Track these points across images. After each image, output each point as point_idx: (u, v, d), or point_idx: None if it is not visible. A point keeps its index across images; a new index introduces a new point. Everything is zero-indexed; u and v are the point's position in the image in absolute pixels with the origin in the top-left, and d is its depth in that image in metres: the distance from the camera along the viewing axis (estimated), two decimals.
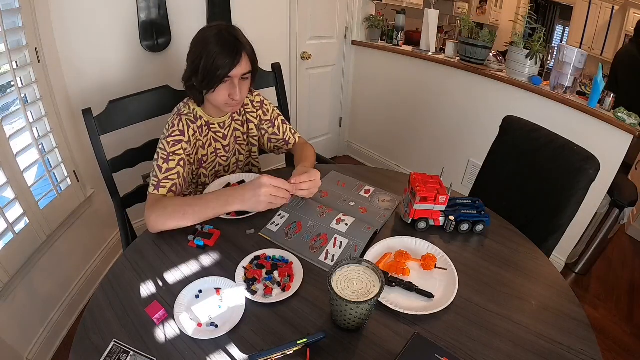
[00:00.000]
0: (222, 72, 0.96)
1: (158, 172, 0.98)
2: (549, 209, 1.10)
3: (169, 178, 0.99)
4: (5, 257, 1.14)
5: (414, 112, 2.51)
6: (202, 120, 1.11)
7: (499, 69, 2.04)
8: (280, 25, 2.23)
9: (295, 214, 0.98)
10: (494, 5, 4.23)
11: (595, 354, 0.66)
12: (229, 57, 0.96)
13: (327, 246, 0.89)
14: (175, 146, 1.01)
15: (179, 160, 1.01)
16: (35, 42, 1.28)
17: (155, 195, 0.97)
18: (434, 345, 0.61)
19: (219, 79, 0.97)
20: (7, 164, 1.15)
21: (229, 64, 0.96)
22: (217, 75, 0.96)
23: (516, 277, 0.84)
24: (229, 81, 0.99)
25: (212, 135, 1.14)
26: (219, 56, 0.95)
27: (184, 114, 1.07)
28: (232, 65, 0.97)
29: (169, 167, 0.99)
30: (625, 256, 2.29)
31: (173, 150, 1.01)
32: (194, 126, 1.08)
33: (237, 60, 0.97)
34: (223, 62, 0.95)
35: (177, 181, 1.00)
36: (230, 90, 1.00)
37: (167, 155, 1.00)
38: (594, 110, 1.65)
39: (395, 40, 2.52)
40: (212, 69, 0.96)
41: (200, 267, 0.83)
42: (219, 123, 1.14)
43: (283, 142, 1.27)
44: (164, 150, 1.00)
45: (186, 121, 1.05)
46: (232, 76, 0.98)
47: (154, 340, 0.66)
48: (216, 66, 0.95)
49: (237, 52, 0.97)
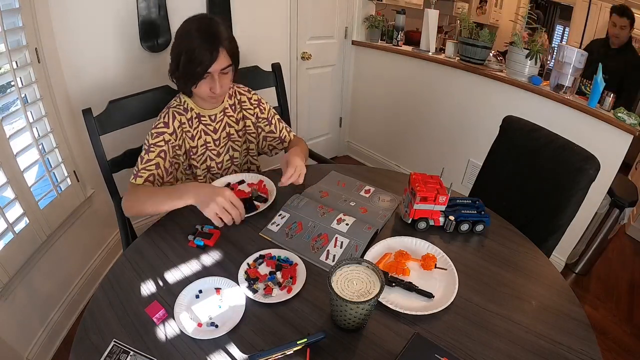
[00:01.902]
0: (200, 68, 0.98)
1: (139, 162, 1.04)
2: (549, 209, 1.10)
3: (147, 169, 1.04)
4: (5, 257, 1.14)
5: (414, 112, 2.51)
6: (193, 112, 1.13)
7: (499, 69, 2.04)
8: (280, 25, 2.23)
9: (295, 214, 0.98)
10: (494, 5, 4.23)
11: (595, 354, 0.66)
12: (207, 53, 0.97)
13: (328, 246, 0.89)
14: (157, 138, 1.06)
15: (159, 152, 1.05)
16: (35, 42, 1.28)
17: (132, 183, 1.03)
18: (434, 345, 0.61)
19: (198, 75, 1.00)
20: (7, 164, 1.14)
21: (207, 60, 0.98)
22: (197, 71, 0.99)
23: (516, 277, 0.84)
24: (209, 76, 1.02)
25: (202, 127, 1.16)
26: (197, 53, 0.97)
27: (173, 106, 1.10)
28: (211, 62, 0.99)
29: (148, 157, 1.04)
30: (625, 256, 2.29)
31: (155, 142, 1.05)
32: (183, 117, 1.11)
33: (215, 56, 0.99)
34: (201, 59, 0.97)
35: (154, 172, 1.05)
36: (211, 84, 1.03)
37: (148, 146, 1.05)
38: (594, 110, 1.65)
39: (395, 40, 2.52)
40: (191, 65, 0.98)
41: (200, 267, 0.83)
42: (210, 116, 1.16)
43: (279, 140, 1.28)
44: (147, 142, 1.06)
45: (173, 113, 1.09)
46: (212, 72, 1.00)
47: (154, 340, 0.66)
48: (195, 63, 0.98)
49: (214, 48, 0.98)
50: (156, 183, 1.06)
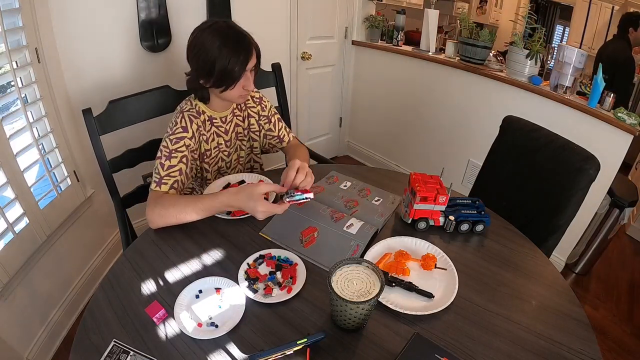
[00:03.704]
0: (239, 70, 1.00)
1: (160, 169, 1.00)
2: (549, 209, 1.10)
3: (171, 175, 1.00)
4: (5, 257, 1.14)
5: (414, 112, 2.51)
6: (205, 115, 1.13)
7: (499, 69, 2.04)
8: (280, 25, 2.23)
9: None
10: (494, 5, 4.23)
11: (595, 354, 0.66)
12: (243, 54, 0.99)
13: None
14: (177, 143, 1.03)
15: (181, 157, 1.03)
16: (35, 42, 1.28)
17: (157, 192, 0.98)
18: (434, 345, 0.61)
19: (237, 77, 1.01)
20: (7, 164, 1.14)
21: (244, 60, 1.00)
22: (235, 73, 1.00)
23: (516, 277, 0.84)
24: (244, 75, 1.03)
25: (214, 130, 1.16)
26: (233, 56, 0.98)
27: (186, 110, 1.09)
28: (247, 62, 1.01)
29: (171, 164, 1.01)
30: (625, 256, 2.29)
31: (175, 147, 1.02)
32: (197, 121, 1.09)
33: (250, 55, 1.01)
34: (238, 61, 0.99)
35: (178, 178, 1.02)
36: (245, 82, 1.05)
37: (169, 152, 1.02)
38: (594, 110, 1.65)
39: (395, 40, 2.52)
40: (229, 69, 0.99)
41: (201, 267, 0.83)
42: (221, 118, 1.16)
43: (277, 139, 1.29)
44: (167, 148, 1.02)
45: (189, 117, 1.07)
46: (246, 70, 1.02)
47: (154, 340, 0.66)
48: (233, 66, 0.99)
49: (247, 47, 1.01)
50: (179, 190, 1.03)
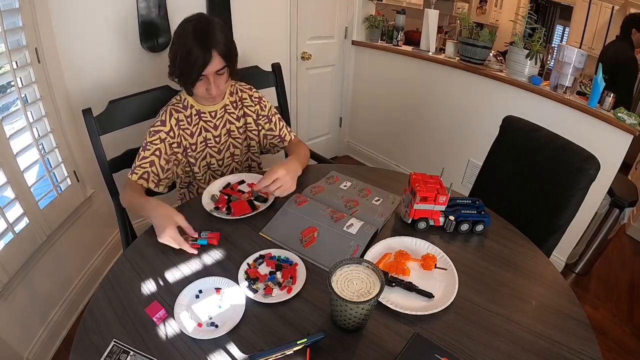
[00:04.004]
0: (194, 71, 1.00)
1: (136, 158, 1.08)
2: (549, 209, 1.10)
3: (142, 166, 1.07)
4: (5, 257, 1.14)
5: (414, 112, 2.51)
6: (193, 109, 1.14)
7: (499, 69, 2.04)
8: (280, 25, 2.23)
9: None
10: (494, 5, 4.23)
11: (595, 354, 0.66)
12: (200, 56, 0.98)
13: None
14: (153, 136, 1.08)
15: (154, 150, 1.08)
16: (35, 42, 1.28)
17: (129, 178, 1.08)
18: (434, 345, 0.61)
19: (194, 77, 1.01)
20: (7, 164, 1.14)
21: (200, 63, 0.99)
22: (191, 73, 1.00)
23: (516, 277, 0.84)
24: (204, 78, 1.03)
25: (202, 124, 1.16)
26: (190, 56, 0.98)
27: (172, 103, 1.12)
28: (204, 65, 1.00)
29: (144, 155, 1.08)
30: (625, 256, 2.29)
31: (151, 140, 1.08)
32: (181, 114, 1.12)
33: (208, 59, 1.00)
34: (195, 62, 0.99)
35: (149, 169, 1.08)
36: (206, 85, 1.05)
37: (145, 144, 1.08)
38: (594, 110, 1.65)
39: (395, 40, 2.52)
40: (186, 67, 1.00)
41: (201, 267, 0.83)
42: (210, 112, 1.17)
43: (279, 138, 1.29)
44: (145, 140, 1.08)
45: (170, 110, 1.11)
46: (206, 74, 1.02)
47: (154, 340, 0.66)
48: (189, 65, 0.99)
49: (207, 51, 0.99)
50: (151, 180, 1.09)
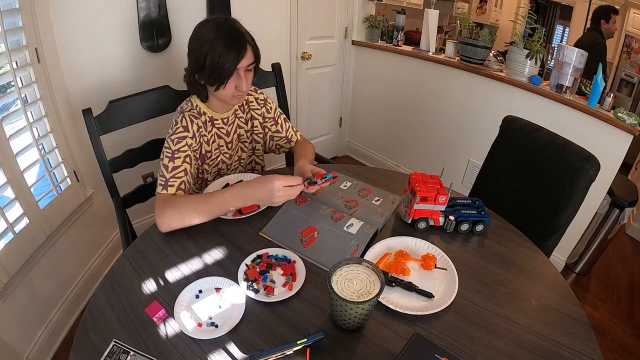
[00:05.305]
0: (229, 66, 0.98)
1: (165, 171, 0.99)
2: (549, 209, 1.10)
3: (177, 176, 0.99)
4: (5, 257, 1.14)
5: (414, 112, 2.51)
6: (206, 116, 1.11)
7: (499, 69, 2.04)
8: (280, 25, 2.23)
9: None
10: (494, 5, 4.23)
11: (595, 354, 0.66)
12: (234, 50, 0.97)
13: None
14: (179, 143, 1.02)
15: (185, 157, 1.02)
16: (35, 42, 1.28)
17: (164, 194, 0.97)
18: (434, 345, 0.61)
19: (227, 74, 0.99)
20: (7, 164, 1.14)
21: (235, 57, 0.98)
22: (225, 70, 0.98)
23: (516, 277, 0.84)
24: (236, 74, 1.01)
25: (215, 131, 1.14)
26: (224, 51, 0.96)
27: (187, 110, 1.08)
28: (239, 59, 0.98)
29: (175, 165, 1.00)
30: (625, 256, 2.29)
31: (178, 147, 1.01)
32: (198, 121, 1.08)
33: (243, 53, 0.99)
34: (229, 57, 0.97)
35: (184, 178, 1.01)
36: (237, 82, 1.02)
37: (172, 153, 1.00)
38: (594, 110, 1.65)
39: (395, 40, 2.52)
40: (219, 64, 0.97)
41: (201, 267, 0.83)
42: (223, 119, 1.15)
43: (286, 140, 1.28)
44: (169, 149, 1.01)
45: (189, 117, 1.06)
46: (239, 69, 1.00)
47: (154, 340, 0.66)
48: (223, 61, 0.97)
49: (241, 44, 0.98)
50: (186, 191, 1.01)
